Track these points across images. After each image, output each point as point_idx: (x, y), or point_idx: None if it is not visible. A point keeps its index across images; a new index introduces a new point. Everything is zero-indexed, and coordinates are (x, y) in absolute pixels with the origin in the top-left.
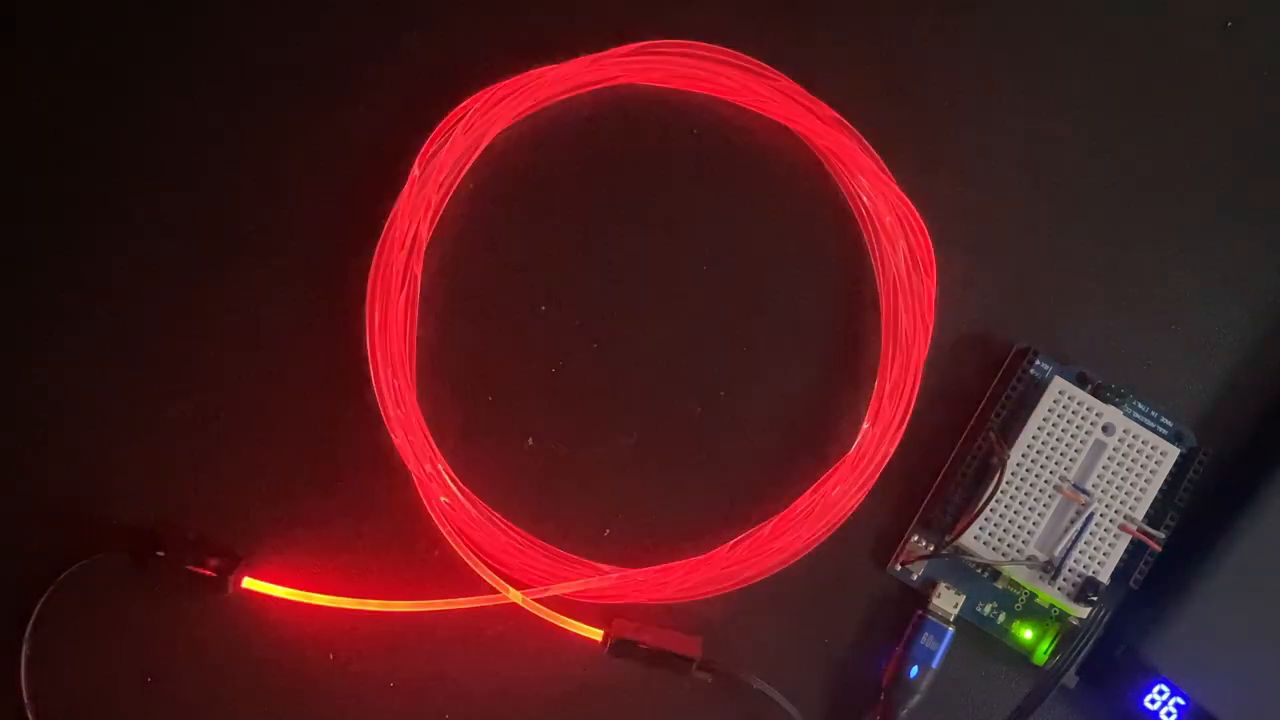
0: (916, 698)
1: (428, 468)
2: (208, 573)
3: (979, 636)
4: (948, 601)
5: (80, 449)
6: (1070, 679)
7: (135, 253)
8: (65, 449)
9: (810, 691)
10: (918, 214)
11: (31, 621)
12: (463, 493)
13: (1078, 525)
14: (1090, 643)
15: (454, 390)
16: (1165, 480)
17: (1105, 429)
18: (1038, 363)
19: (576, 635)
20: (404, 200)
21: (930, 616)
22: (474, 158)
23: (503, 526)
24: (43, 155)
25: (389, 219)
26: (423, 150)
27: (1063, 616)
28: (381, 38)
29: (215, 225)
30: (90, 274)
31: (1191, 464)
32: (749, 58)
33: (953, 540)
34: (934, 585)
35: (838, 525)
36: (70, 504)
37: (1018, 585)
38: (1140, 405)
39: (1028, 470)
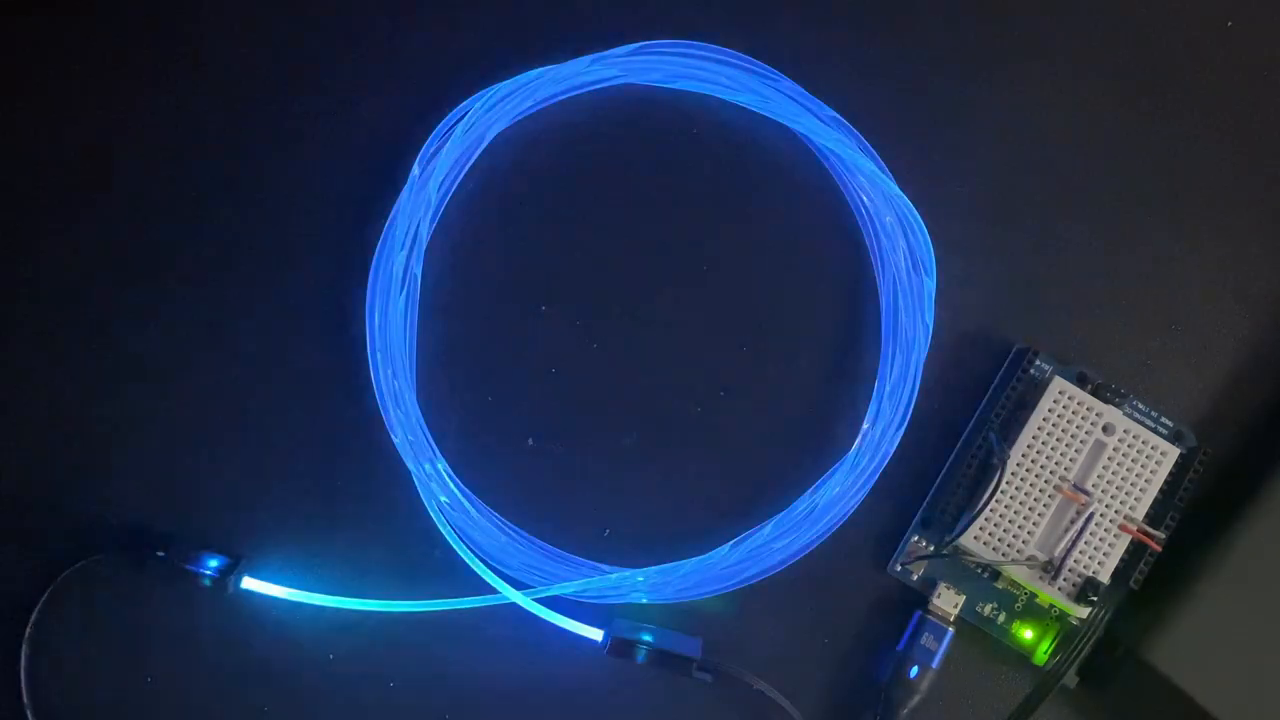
0: (916, 698)
1: (428, 468)
2: (208, 573)
3: (979, 636)
4: (948, 601)
5: (80, 449)
6: (1070, 679)
7: (135, 253)
8: (66, 449)
9: (810, 691)
10: (918, 214)
11: (31, 621)
12: (463, 493)
13: (1078, 525)
14: (1090, 643)
15: (454, 390)
16: (1165, 480)
17: (1105, 429)
18: (1038, 363)
19: (576, 635)
20: (404, 200)
21: (930, 616)
22: (474, 158)
23: (503, 526)
24: (43, 156)
25: (389, 219)
26: (423, 150)
27: (1063, 616)
28: (381, 38)
29: (215, 225)
30: (89, 274)
31: (1191, 464)
32: (749, 58)
33: (953, 540)
34: (934, 585)
35: (838, 525)
36: (70, 504)
37: (1018, 585)
38: (1140, 405)
39: (1028, 470)
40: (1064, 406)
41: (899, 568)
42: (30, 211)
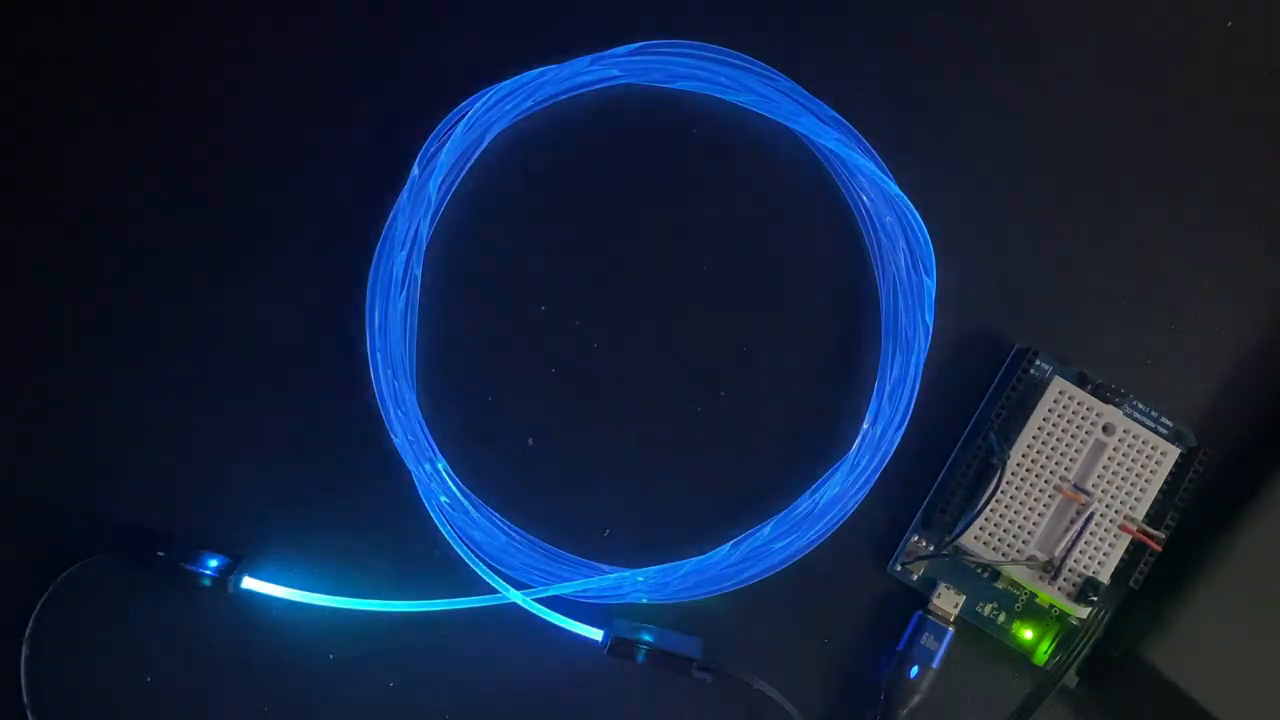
0: (916, 698)
1: (428, 468)
2: (208, 573)
3: (979, 636)
4: (948, 601)
5: (80, 449)
6: (1070, 679)
7: (135, 253)
8: (65, 449)
9: (810, 691)
10: (918, 214)
11: (31, 621)
12: (463, 493)
13: (1078, 525)
14: (1090, 643)
15: (454, 390)
16: (1165, 480)
17: (1105, 429)
18: (1038, 363)
19: (576, 635)
20: (404, 200)
21: (930, 616)
22: (474, 158)
23: (503, 526)
24: (43, 155)
25: (389, 219)
26: (423, 150)
27: (1063, 616)
28: (382, 38)
29: (215, 225)
30: (90, 274)
31: (1191, 464)
32: (749, 58)
33: (953, 540)
34: (934, 585)
35: (838, 525)
36: (70, 504)
37: (1018, 585)
38: (1140, 405)
39: (1028, 470)
40: (1064, 406)
41: (899, 568)
42: (30, 212)
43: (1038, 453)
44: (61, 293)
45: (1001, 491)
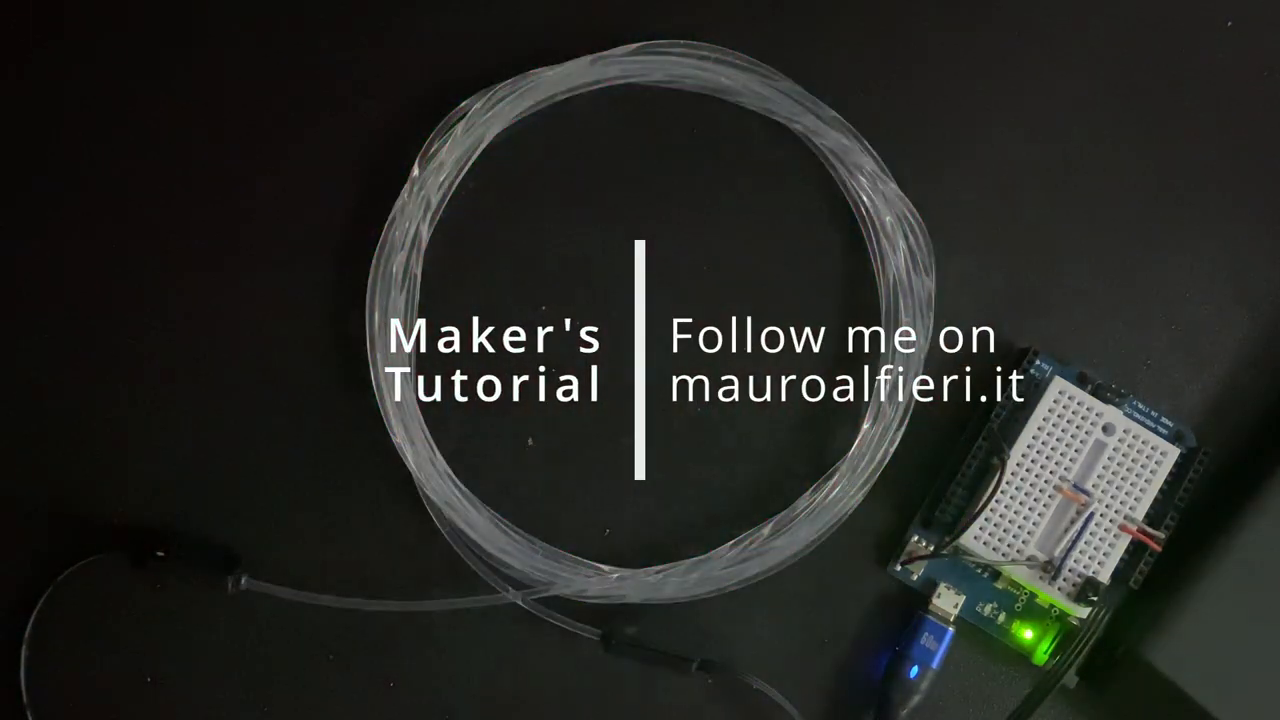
0: (916, 698)
1: (427, 467)
2: (208, 573)
3: (979, 636)
4: (948, 601)
5: (80, 449)
6: (1070, 679)
7: (135, 252)
8: (65, 449)
9: (810, 691)
10: (918, 214)
11: (31, 621)
12: (463, 493)
13: (1078, 525)
14: (1090, 643)
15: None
16: (1165, 480)
17: (1105, 429)
18: (1038, 363)
19: (576, 635)
20: (404, 200)
21: (930, 616)
22: (474, 158)
23: (503, 527)
24: (40, 156)
25: (389, 219)
26: (423, 150)
27: (1063, 616)
28: (381, 38)
29: (215, 225)
30: (89, 274)
31: (1191, 464)
32: (749, 58)
33: (953, 540)
34: (934, 585)
35: (838, 525)
36: (70, 504)
37: (1018, 585)
38: (1140, 405)
39: (1028, 470)
40: (1064, 406)
41: (899, 568)
42: (31, 211)
43: (1038, 453)
44: (60, 293)
45: (1001, 491)
